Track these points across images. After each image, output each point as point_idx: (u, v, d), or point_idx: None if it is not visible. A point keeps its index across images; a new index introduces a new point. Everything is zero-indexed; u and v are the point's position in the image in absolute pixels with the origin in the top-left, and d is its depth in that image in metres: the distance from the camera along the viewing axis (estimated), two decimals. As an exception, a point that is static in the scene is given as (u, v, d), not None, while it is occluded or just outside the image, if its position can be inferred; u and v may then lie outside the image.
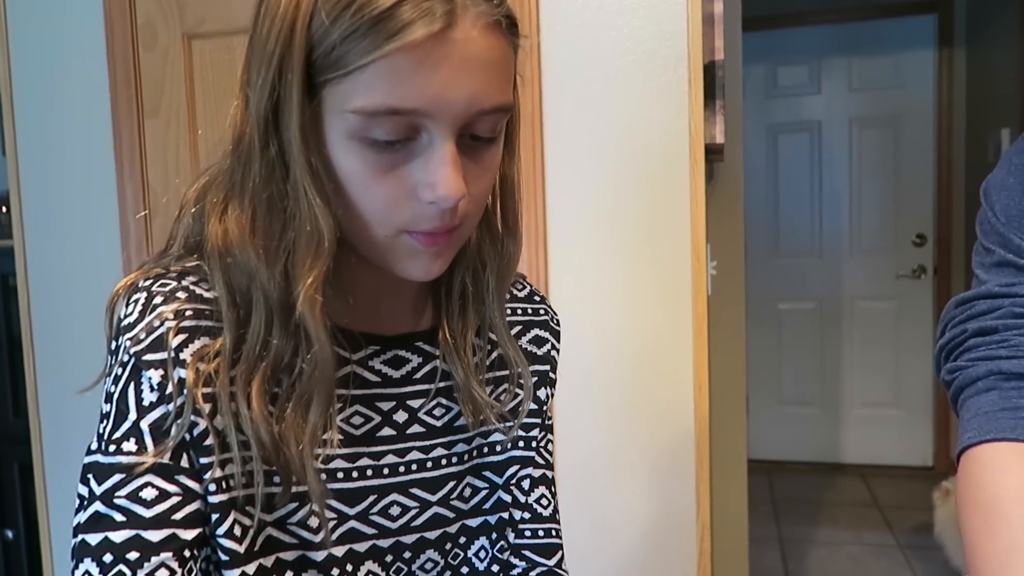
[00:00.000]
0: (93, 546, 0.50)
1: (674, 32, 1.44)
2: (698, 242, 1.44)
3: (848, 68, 3.58)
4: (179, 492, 0.52)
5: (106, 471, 0.52)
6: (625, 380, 1.48)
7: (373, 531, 0.62)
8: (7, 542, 2.39)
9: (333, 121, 0.51)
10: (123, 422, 0.53)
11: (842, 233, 3.66)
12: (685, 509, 1.46)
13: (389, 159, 0.51)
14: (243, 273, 0.54)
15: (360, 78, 0.49)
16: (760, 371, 3.65)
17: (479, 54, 0.50)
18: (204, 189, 0.59)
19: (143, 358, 0.53)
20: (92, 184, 1.72)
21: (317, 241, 0.52)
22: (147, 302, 0.54)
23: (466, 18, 0.49)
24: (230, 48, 1.63)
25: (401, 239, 0.54)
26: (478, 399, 0.65)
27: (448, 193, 0.51)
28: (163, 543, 0.50)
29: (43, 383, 1.79)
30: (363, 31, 0.48)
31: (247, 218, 0.54)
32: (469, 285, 0.65)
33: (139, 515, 0.51)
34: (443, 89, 0.49)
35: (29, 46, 1.75)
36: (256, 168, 0.53)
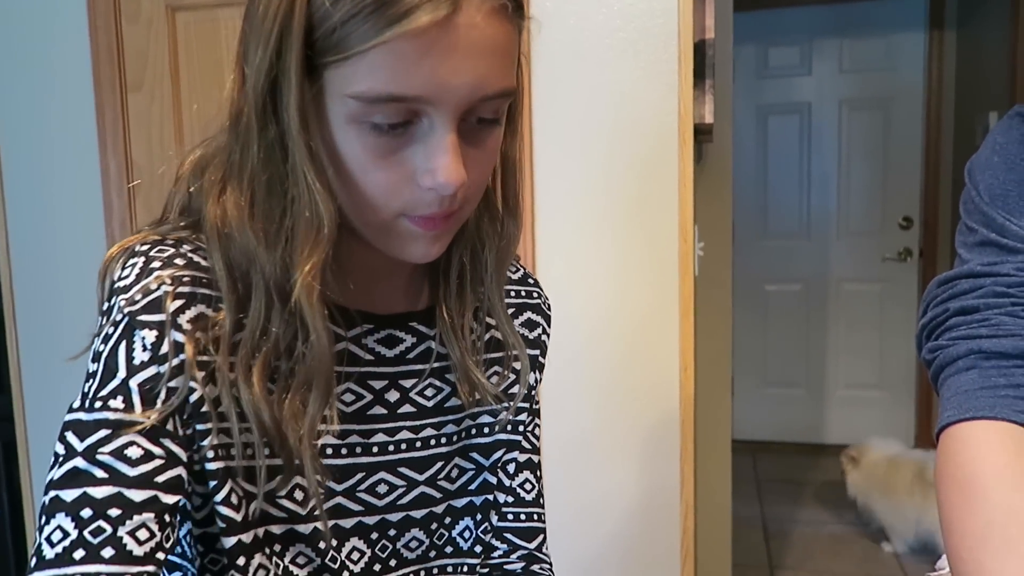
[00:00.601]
0: (69, 502, 0.48)
1: (665, 10, 1.42)
2: (686, 223, 1.44)
3: (839, 49, 3.57)
4: (163, 455, 0.50)
5: (89, 427, 0.50)
6: (611, 361, 1.48)
7: (359, 508, 0.62)
8: (-9, 519, 2.38)
9: (333, 104, 0.50)
10: (111, 380, 0.51)
11: (830, 215, 3.67)
12: (669, 489, 1.47)
13: (389, 143, 0.51)
14: (243, 255, 0.54)
15: (361, 62, 0.47)
16: (746, 352, 3.67)
17: (484, 40, 0.49)
18: (201, 163, 0.58)
19: (138, 318, 0.52)
20: (75, 158, 1.70)
21: (316, 227, 0.52)
22: (144, 265, 0.53)
23: (471, 3, 0.48)
24: (215, 20, 1.61)
25: (400, 222, 0.54)
26: (474, 379, 0.65)
27: (447, 180, 0.50)
28: (145, 504, 0.49)
29: (26, 359, 1.77)
30: (366, 14, 0.46)
31: (246, 200, 0.53)
32: (467, 265, 0.64)
33: (122, 473, 0.49)
34: (447, 76, 0.48)
35: (10, 19, 1.72)
36: (255, 150, 0.52)
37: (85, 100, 1.67)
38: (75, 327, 1.73)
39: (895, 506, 2.63)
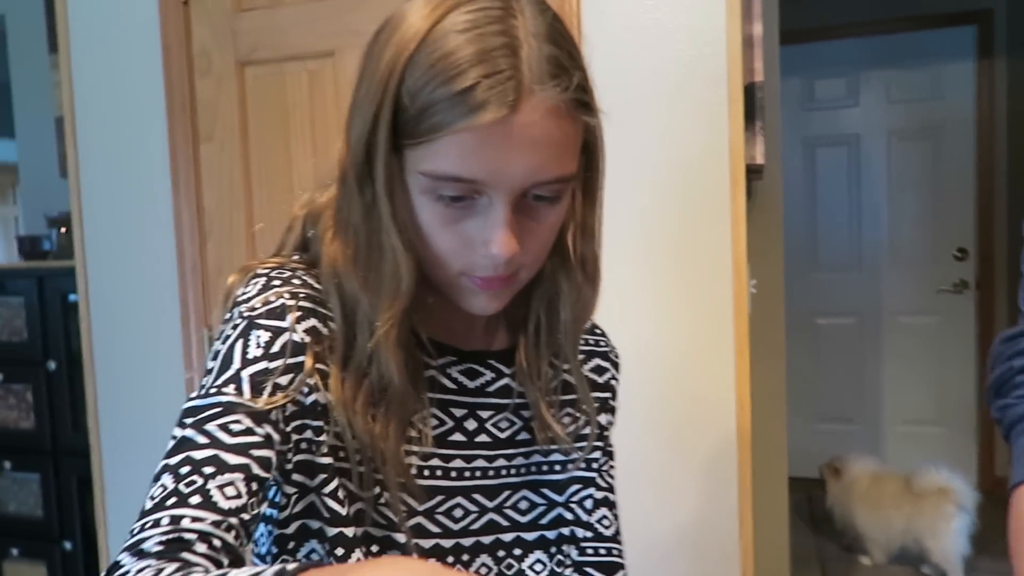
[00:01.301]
0: (172, 464, 0.52)
1: (713, 54, 1.46)
2: (739, 262, 1.46)
3: (886, 80, 3.56)
4: (263, 436, 0.55)
5: (202, 409, 0.55)
6: (667, 399, 1.50)
7: (438, 530, 0.67)
8: (65, 553, 2.47)
9: (411, 177, 0.58)
10: (226, 371, 0.57)
11: (881, 247, 3.62)
12: (727, 528, 1.47)
13: (453, 214, 0.58)
14: (350, 296, 0.61)
15: (432, 146, 0.55)
16: (798, 387, 3.61)
17: (539, 136, 0.55)
18: (315, 209, 0.66)
19: (256, 320, 0.59)
20: (149, 206, 1.79)
21: (398, 281, 0.59)
22: (266, 283, 0.61)
23: (530, 102, 0.54)
24: (281, 74, 1.69)
25: (462, 279, 0.61)
26: (547, 421, 0.70)
27: (500, 252, 0.57)
28: (238, 467, 0.53)
29: (102, 398, 1.86)
30: (439, 107, 0.53)
31: (350, 249, 0.61)
32: (543, 318, 0.69)
33: (222, 440, 0.53)
34: (502, 165, 0.55)
35: (90, 74, 1.83)
36: (356, 207, 0.60)
37: (160, 150, 1.77)
38: (148, 367, 1.81)
39: (881, 519, 2.79)
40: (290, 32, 1.67)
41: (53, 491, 2.47)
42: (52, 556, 2.48)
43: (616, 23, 1.50)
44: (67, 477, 2.45)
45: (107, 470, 1.86)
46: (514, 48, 0.54)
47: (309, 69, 1.67)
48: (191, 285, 1.76)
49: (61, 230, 2.53)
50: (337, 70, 1.63)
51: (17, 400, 2.51)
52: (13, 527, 2.55)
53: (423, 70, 0.54)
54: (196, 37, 1.74)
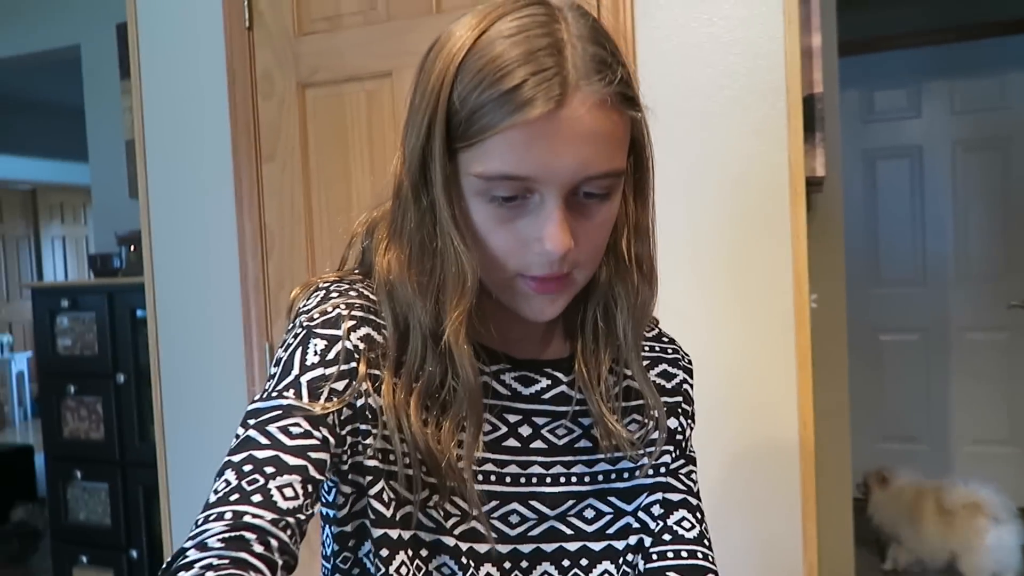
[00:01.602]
0: (236, 461, 0.55)
1: (771, 67, 1.44)
2: (800, 276, 1.43)
3: (950, 90, 3.46)
4: (319, 439, 0.57)
5: (264, 411, 0.58)
6: (727, 417, 1.47)
7: (493, 535, 0.67)
8: (131, 561, 2.54)
9: (465, 180, 0.59)
10: (286, 377, 0.60)
11: (947, 260, 3.50)
12: (791, 549, 1.43)
13: (507, 213, 0.59)
14: (403, 301, 0.63)
15: (482, 147, 0.57)
16: (861, 406, 3.51)
17: (587, 129, 0.56)
18: (371, 225, 0.69)
19: (313, 330, 0.62)
20: (214, 224, 1.85)
21: (463, 281, 0.60)
22: (324, 296, 0.65)
23: (576, 97, 0.56)
24: (340, 94, 1.73)
25: (517, 281, 0.62)
26: (610, 427, 0.69)
27: (553, 248, 0.58)
28: (296, 468, 0.55)
29: (168, 410, 1.92)
30: (488, 108, 0.56)
31: (405, 256, 0.63)
32: (600, 323, 0.69)
33: (282, 441, 0.56)
34: (551, 160, 0.56)
35: (159, 99, 1.91)
36: (411, 215, 0.62)
37: (224, 170, 1.83)
38: (212, 380, 1.86)
39: (924, 536, 2.78)
40: (348, 54, 1.71)
41: (121, 500, 2.55)
42: (119, 564, 2.56)
43: (672, 40, 1.49)
44: (134, 487, 2.54)
45: (172, 480, 1.91)
46: (559, 48, 0.56)
47: (367, 89, 1.70)
48: (253, 300, 1.80)
49: (130, 248, 2.63)
50: (395, 90, 1.67)
51: (88, 412, 2.61)
52: (83, 535, 2.64)
53: (471, 75, 0.56)
54: (259, 61, 1.79)
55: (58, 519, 2.69)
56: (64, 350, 2.64)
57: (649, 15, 1.50)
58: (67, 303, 2.62)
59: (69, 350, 2.63)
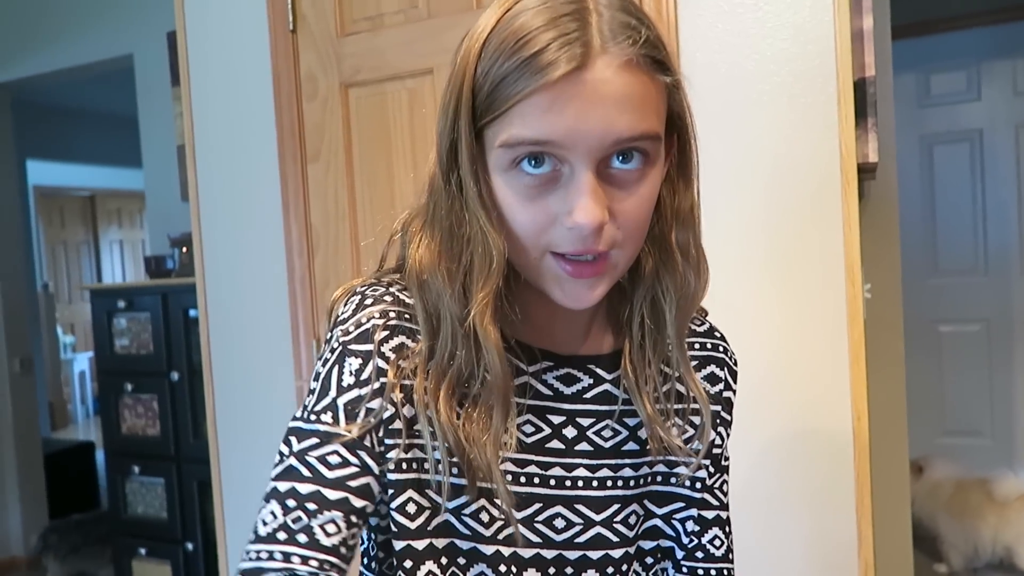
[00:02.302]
0: (282, 492, 0.57)
1: (821, 51, 1.40)
2: (852, 266, 1.38)
3: (1012, 71, 3.31)
4: (358, 465, 0.58)
5: (305, 435, 0.59)
6: (779, 411, 1.44)
7: (538, 539, 0.65)
8: (187, 554, 2.61)
9: (491, 157, 0.58)
10: (324, 398, 0.60)
11: (1010, 248, 3.36)
12: (846, 546, 1.39)
13: (536, 188, 0.57)
14: (433, 292, 0.62)
15: (507, 117, 0.55)
16: (920, 399, 3.39)
17: (614, 91, 0.54)
18: (408, 221, 0.68)
19: (349, 347, 0.61)
20: (261, 225, 1.88)
21: (489, 261, 0.59)
22: (359, 302, 0.64)
23: (601, 60, 0.54)
24: (382, 93, 1.74)
25: (547, 261, 0.59)
26: (657, 428, 0.67)
27: (585, 220, 0.55)
28: (337, 503, 0.57)
29: (220, 408, 1.96)
30: (510, 78, 0.54)
31: (436, 244, 0.62)
32: (647, 316, 0.66)
33: (323, 474, 0.57)
34: (577, 123, 0.54)
35: (208, 104, 1.95)
36: (441, 201, 0.61)
37: (271, 171, 1.86)
38: (261, 377, 1.90)
39: (968, 529, 2.66)
40: (390, 53, 1.72)
41: (176, 495, 2.62)
42: (176, 556, 2.63)
43: (717, 27, 1.46)
44: (189, 481, 2.60)
45: (224, 475, 1.95)
46: (584, 14, 0.55)
47: (409, 88, 1.71)
48: (300, 298, 1.83)
49: (183, 250, 2.70)
50: (436, 87, 1.67)
51: (144, 409, 2.68)
52: (140, 528, 2.72)
53: (494, 48, 0.56)
54: (303, 63, 1.81)
55: (117, 513, 2.77)
56: (121, 349, 2.72)
57: (693, 2, 1.46)
58: (123, 304, 2.70)
59: (126, 349, 2.71)
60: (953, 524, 2.72)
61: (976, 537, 2.68)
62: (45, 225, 6.51)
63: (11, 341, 3.59)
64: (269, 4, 1.83)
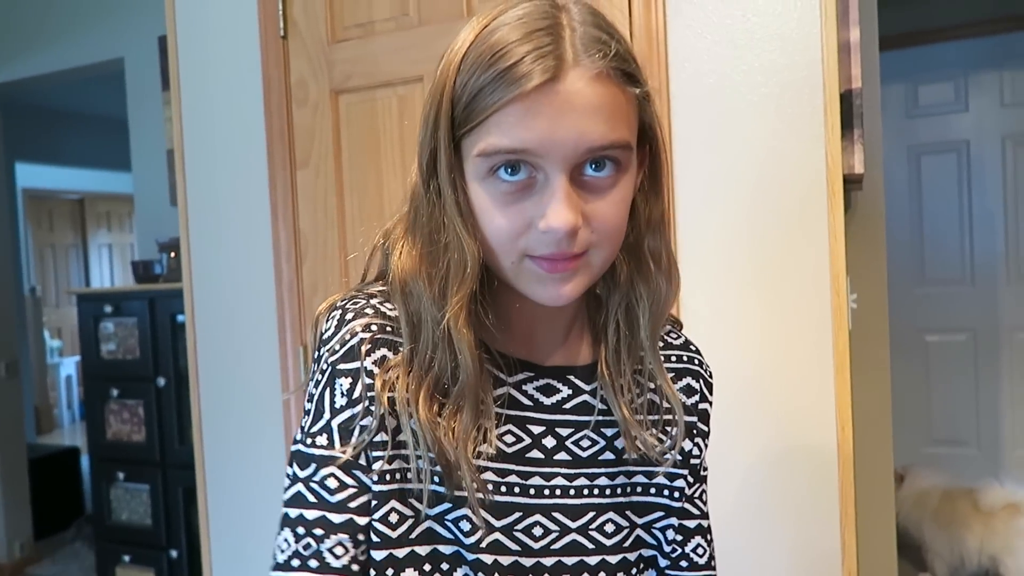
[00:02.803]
0: (292, 518, 0.61)
1: (808, 63, 1.41)
2: (838, 276, 1.39)
3: (999, 82, 3.35)
4: (355, 484, 0.61)
5: (306, 459, 0.62)
6: (763, 421, 1.44)
7: (516, 547, 0.66)
8: (171, 561, 2.59)
9: (468, 166, 0.61)
10: (319, 420, 0.63)
11: (996, 259, 3.39)
12: (830, 557, 1.40)
13: (512, 195, 0.59)
14: (415, 297, 0.64)
15: (484, 127, 0.58)
16: (906, 408, 3.42)
17: (586, 101, 0.57)
18: (389, 230, 0.70)
19: (337, 367, 0.63)
20: (250, 231, 1.87)
21: (464, 266, 0.61)
22: (341, 317, 0.65)
23: (573, 72, 0.57)
24: (372, 100, 1.75)
25: (525, 264, 0.61)
26: (635, 434, 0.68)
27: (558, 224, 0.57)
28: (342, 525, 0.60)
29: (206, 414, 1.95)
30: (486, 89, 0.57)
31: (416, 250, 0.64)
32: (622, 322, 0.69)
33: (326, 499, 0.61)
34: (548, 131, 0.56)
35: (198, 108, 1.94)
36: (422, 208, 0.64)
37: (260, 177, 1.85)
38: (248, 383, 1.89)
39: (954, 539, 2.67)
40: (381, 60, 1.72)
41: (161, 501, 2.60)
42: (160, 563, 2.61)
43: (706, 38, 1.47)
44: (174, 488, 2.59)
45: (210, 482, 1.94)
46: (557, 29, 0.57)
47: (399, 94, 1.71)
48: (288, 305, 1.82)
49: (171, 254, 2.69)
50: (426, 94, 1.67)
51: (130, 414, 2.67)
52: (125, 535, 2.70)
53: (472, 61, 0.58)
54: (294, 69, 1.81)
55: (101, 519, 2.75)
56: (108, 354, 2.71)
57: (681, 12, 1.47)
58: (110, 309, 2.69)
59: (112, 354, 2.70)
60: (939, 533, 2.72)
61: (962, 547, 2.68)
62: (34, 228, 6.47)
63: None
64: (260, 10, 1.83)
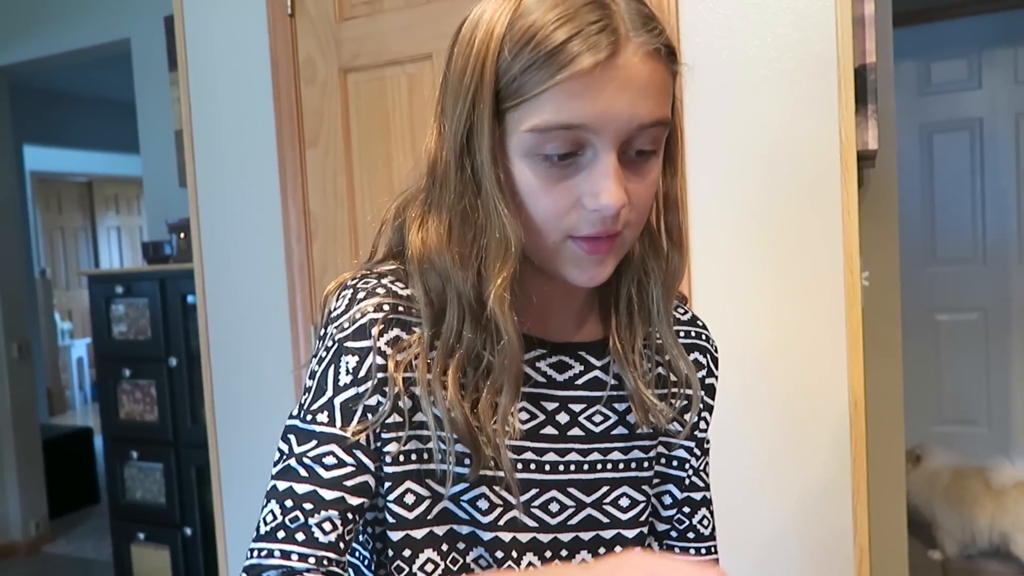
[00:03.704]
0: (280, 492, 0.59)
1: (822, 38, 1.39)
2: (851, 253, 1.38)
3: (1014, 59, 3.30)
4: (353, 464, 0.60)
5: (303, 435, 0.61)
6: (776, 398, 1.44)
7: (534, 524, 0.66)
8: (186, 539, 2.62)
9: (512, 141, 0.59)
10: (320, 397, 0.61)
11: (1009, 238, 3.36)
12: (841, 533, 1.40)
13: (559, 172, 0.58)
14: (439, 276, 0.62)
15: (536, 103, 0.56)
16: (917, 387, 3.40)
17: (639, 77, 0.57)
18: (402, 206, 0.68)
19: (344, 344, 0.62)
20: (260, 211, 1.87)
21: (506, 246, 0.59)
22: (352, 296, 0.63)
23: (628, 47, 0.56)
24: (381, 78, 1.74)
25: (567, 246, 0.60)
26: (648, 403, 0.69)
27: (610, 202, 0.57)
28: (333, 502, 0.58)
29: (218, 393, 1.96)
30: (539, 64, 0.56)
31: (444, 228, 0.62)
32: (635, 296, 0.69)
33: (319, 475, 0.59)
34: (606, 107, 0.56)
35: (206, 88, 1.94)
36: (452, 186, 0.61)
37: (269, 157, 1.85)
38: (259, 362, 1.90)
39: (965, 518, 2.70)
40: (390, 38, 1.71)
41: (175, 480, 2.63)
42: (174, 541, 2.64)
43: (717, 12, 1.45)
44: (187, 467, 2.61)
45: (223, 460, 1.96)
46: (603, 4, 0.57)
47: (408, 72, 1.70)
48: (298, 284, 1.83)
49: (180, 235, 2.69)
50: (435, 73, 1.66)
51: (143, 395, 2.69)
52: (139, 513, 2.73)
53: (520, 34, 0.56)
54: (302, 47, 1.80)
55: (116, 498, 2.78)
56: (119, 335, 2.72)
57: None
58: (121, 290, 2.70)
59: (124, 335, 2.71)
60: (950, 512, 2.73)
61: (972, 525, 2.70)
62: (42, 211, 6.49)
63: (9, 327, 3.58)
64: (267, -12, 1.82)
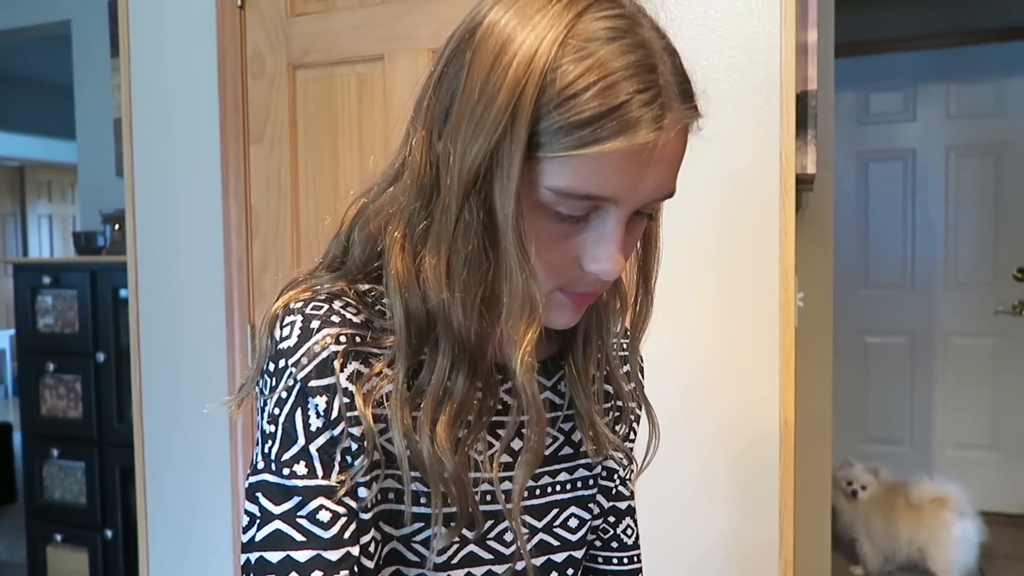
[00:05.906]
0: (275, 563, 0.53)
1: (766, 62, 1.43)
2: (787, 273, 1.42)
3: (946, 95, 3.46)
4: (345, 512, 0.55)
5: (282, 492, 0.54)
6: (710, 412, 1.47)
7: (489, 556, 0.64)
8: (106, 541, 2.52)
9: (524, 187, 0.52)
10: (292, 445, 0.55)
11: (936, 265, 3.51)
12: (768, 545, 1.43)
13: (564, 230, 0.54)
14: (431, 315, 0.56)
15: (571, 161, 0.50)
16: (845, 406, 3.52)
17: (672, 153, 0.53)
18: (364, 214, 0.61)
19: (309, 384, 0.55)
20: (199, 204, 1.82)
21: (531, 308, 0.54)
22: (304, 325, 0.56)
23: (669, 120, 0.52)
24: (331, 76, 1.71)
25: (554, 295, 0.57)
26: (599, 428, 0.67)
27: (612, 269, 0.54)
28: (341, 562, 0.54)
29: (147, 391, 1.89)
30: (590, 120, 0.49)
31: (443, 268, 0.55)
32: (593, 323, 0.66)
33: (319, 536, 0.54)
34: (637, 183, 0.52)
35: (148, 76, 1.88)
36: (453, 218, 0.54)
37: (212, 150, 1.80)
38: (192, 362, 1.84)
39: (893, 532, 2.81)
40: (341, 37, 1.69)
41: (97, 480, 2.53)
42: (94, 543, 2.54)
43: (668, 31, 1.48)
44: (111, 467, 2.51)
45: (149, 461, 1.89)
46: (653, 64, 0.51)
47: (359, 73, 1.68)
48: (236, 281, 1.78)
49: (115, 227, 2.60)
50: (386, 74, 1.65)
51: (67, 390, 2.58)
52: (57, 514, 2.61)
53: (572, 77, 0.50)
54: (250, 41, 1.77)
55: (33, 497, 2.66)
56: (45, 328, 2.61)
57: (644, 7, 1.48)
58: (49, 280, 2.59)
59: (50, 328, 2.60)
60: (883, 528, 2.83)
61: (894, 540, 2.80)
62: (-32, 195, 6.21)
63: (-75, 314, 3.41)
64: (217, -23, 1.78)
